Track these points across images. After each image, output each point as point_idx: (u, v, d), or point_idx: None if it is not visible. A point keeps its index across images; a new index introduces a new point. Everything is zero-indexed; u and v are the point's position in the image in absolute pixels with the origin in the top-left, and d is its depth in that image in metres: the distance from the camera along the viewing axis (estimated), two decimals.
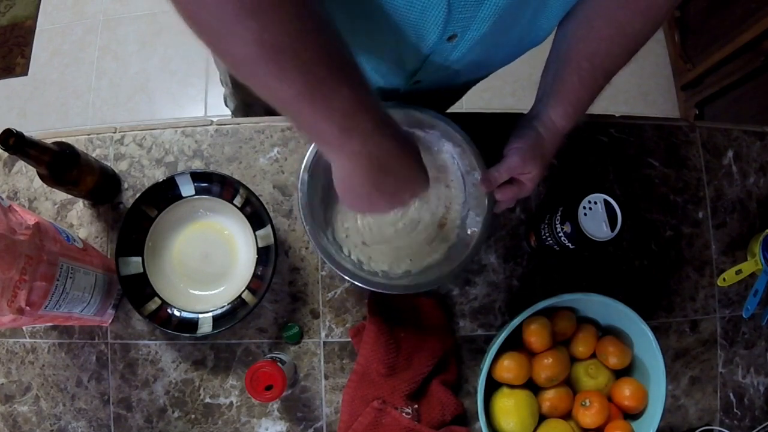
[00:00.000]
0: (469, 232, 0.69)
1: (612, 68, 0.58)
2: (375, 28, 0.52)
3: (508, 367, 0.66)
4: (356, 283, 0.64)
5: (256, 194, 0.71)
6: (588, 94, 0.60)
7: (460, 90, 0.85)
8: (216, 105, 1.84)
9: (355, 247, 0.69)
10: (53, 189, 0.73)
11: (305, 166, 0.65)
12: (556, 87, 0.60)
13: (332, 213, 0.70)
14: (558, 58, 0.60)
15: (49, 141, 0.63)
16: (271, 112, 0.86)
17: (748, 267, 0.78)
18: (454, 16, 0.49)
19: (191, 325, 0.70)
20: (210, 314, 0.71)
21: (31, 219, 0.57)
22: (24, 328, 0.74)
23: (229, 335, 0.73)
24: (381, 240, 0.70)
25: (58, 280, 0.58)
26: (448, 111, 0.80)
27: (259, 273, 0.70)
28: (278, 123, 0.79)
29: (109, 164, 0.77)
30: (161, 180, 0.71)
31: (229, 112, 1.05)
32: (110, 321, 0.73)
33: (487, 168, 0.65)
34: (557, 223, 0.67)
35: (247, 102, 0.93)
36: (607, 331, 0.72)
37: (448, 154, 0.71)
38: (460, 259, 0.66)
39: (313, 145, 0.66)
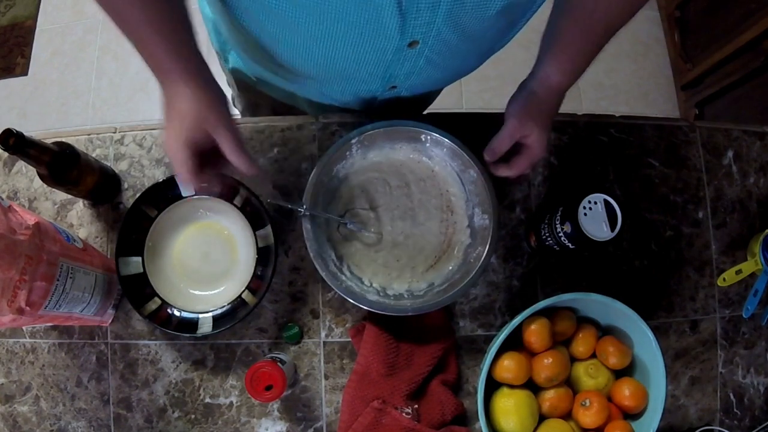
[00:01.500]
0: (479, 229, 0.69)
1: (612, 22, 0.57)
2: (336, 33, 0.52)
3: (508, 367, 0.66)
4: (387, 313, 0.65)
5: (256, 194, 0.71)
6: (586, 48, 0.59)
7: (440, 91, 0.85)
8: None
9: (375, 274, 0.70)
10: (53, 189, 0.73)
11: (304, 213, 0.66)
12: (554, 41, 0.60)
13: (343, 249, 0.71)
14: (558, 13, 0.60)
15: (49, 141, 0.64)
16: (276, 112, 0.87)
17: (748, 267, 0.78)
18: (409, 23, 0.49)
19: (191, 325, 0.70)
20: (210, 314, 0.71)
21: (31, 219, 0.57)
22: (24, 328, 0.74)
23: (229, 335, 0.73)
24: (396, 263, 0.71)
25: (58, 280, 0.58)
26: (444, 112, 0.80)
27: (259, 273, 0.70)
28: (278, 123, 0.79)
29: (109, 164, 0.77)
30: (161, 180, 0.71)
31: (232, 112, 1.06)
32: (110, 321, 0.73)
33: (482, 162, 0.67)
34: (557, 223, 0.67)
35: (253, 103, 0.94)
36: (607, 331, 0.72)
37: (439, 158, 0.72)
38: (481, 257, 0.66)
39: (306, 190, 0.66)
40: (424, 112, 0.87)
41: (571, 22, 0.58)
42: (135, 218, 0.71)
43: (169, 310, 0.70)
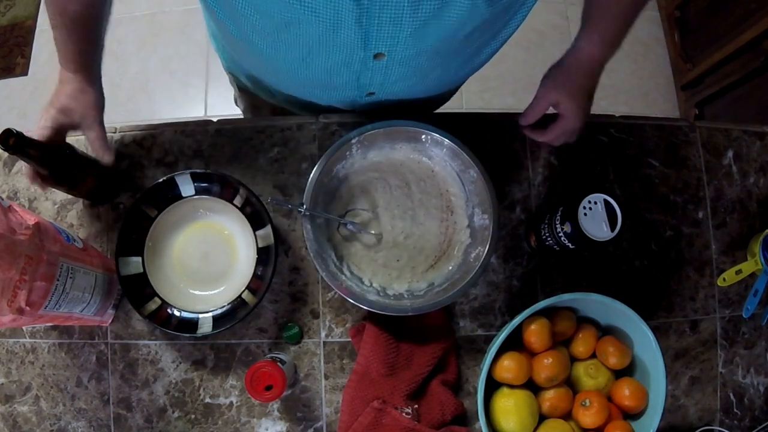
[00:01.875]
0: (479, 229, 0.69)
1: None
2: (302, 40, 0.53)
3: (508, 367, 0.66)
4: (387, 313, 0.65)
5: (256, 194, 0.71)
6: (613, 20, 0.62)
7: (436, 100, 0.85)
8: (216, 105, 1.84)
9: (375, 274, 0.70)
10: (53, 189, 0.73)
11: (304, 213, 0.66)
12: (586, 16, 0.64)
13: (343, 249, 0.71)
14: None
15: None
16: (276, 112, 0.87)
17: (748, 267, 0.78)
18: (372, 36, 0.49)
19: (191, 325, 0.70)
20: (210, 314, 0.71)
21: (31, 219, 0.57)
22: (24, 328, 0.74)
23: (229, 335, 0.73)
24: (396, 263, 0.71)
25: (58, 280, 0.58)
26: (444, 112, 0.80)
27: (259, 273, 0.70)
28: (278, 123, 0.79)
29: None
30: (161, 180, 0.71)
31: (232, 112, 1.06)
32: (110, 321, 0.73)
33: (482, 163, 0.68)
34: (557, 223, 0.67)
35: (254, 105, 0.94)
36: (607, 331, 0.72)
37: (439, 158, 0.72)
38: (481, 257, 0.67)
39: (306, 190, 0.66)
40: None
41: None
42: (135, 218, 0.71)
43: (169, 310, 0.70)
